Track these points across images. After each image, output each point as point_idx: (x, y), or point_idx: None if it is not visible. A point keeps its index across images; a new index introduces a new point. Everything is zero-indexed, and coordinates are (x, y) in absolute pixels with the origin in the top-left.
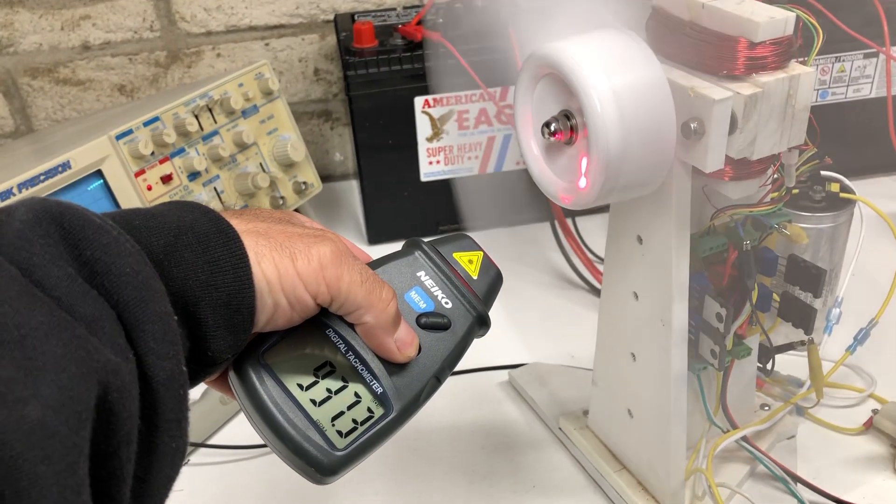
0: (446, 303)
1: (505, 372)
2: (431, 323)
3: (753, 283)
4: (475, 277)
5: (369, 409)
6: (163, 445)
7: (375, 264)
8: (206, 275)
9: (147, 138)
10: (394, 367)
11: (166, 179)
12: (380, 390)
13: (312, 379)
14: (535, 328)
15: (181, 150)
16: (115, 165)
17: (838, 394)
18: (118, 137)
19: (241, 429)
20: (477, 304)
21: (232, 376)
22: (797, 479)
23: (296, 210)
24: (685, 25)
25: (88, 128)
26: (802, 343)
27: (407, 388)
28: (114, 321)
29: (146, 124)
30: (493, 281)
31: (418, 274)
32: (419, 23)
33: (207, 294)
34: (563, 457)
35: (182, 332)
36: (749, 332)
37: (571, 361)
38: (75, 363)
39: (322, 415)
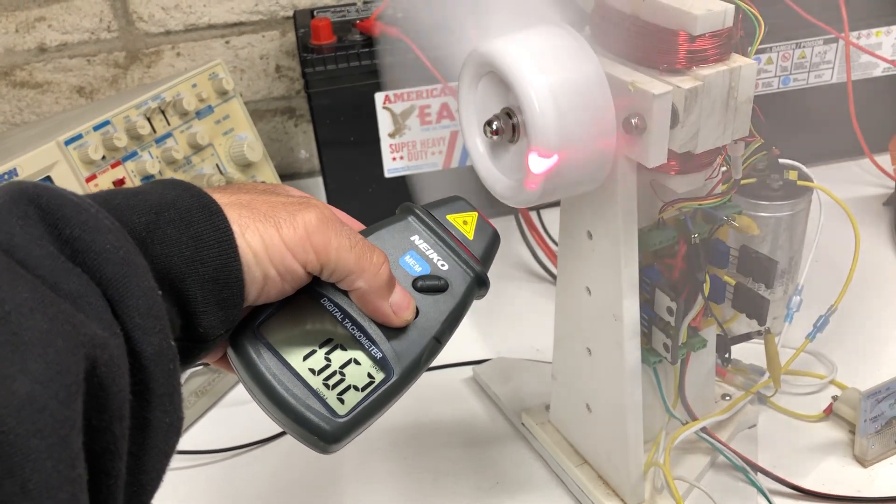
0: (442, 265)
1: (469, 368)
2: (428, 286)
3: (704, 276)
4: (471, 238)
5: (369, 375)
6: (156, 421)
7: (368, 232)
8: (190, 250)
9: (97, 143)
10: (392, 332)
11: (118, 184)
12: (379, 355)
13: (310, 348)
14: (501, 322)
15: (133, 154)
16: (65, 171)
17: (799, 381)
18: (67, 143)
19: (204, 435)
20: (474, 264)
21: (230, 352)
22: (757, 468)
23: None
24: (627, 19)
25: (41, 132)
26: (760, 333)
27: (407, 352)
28: (99, 297)
29: (96, 128)
30: (490, 241)
31: (412, 238)
32: (378, 18)
33: (193, 270)
34: (527, 452)
35: (172, 309)
36: (704, 324)
37: (536, 355)
38: (61, 337)
39: (321, 383)
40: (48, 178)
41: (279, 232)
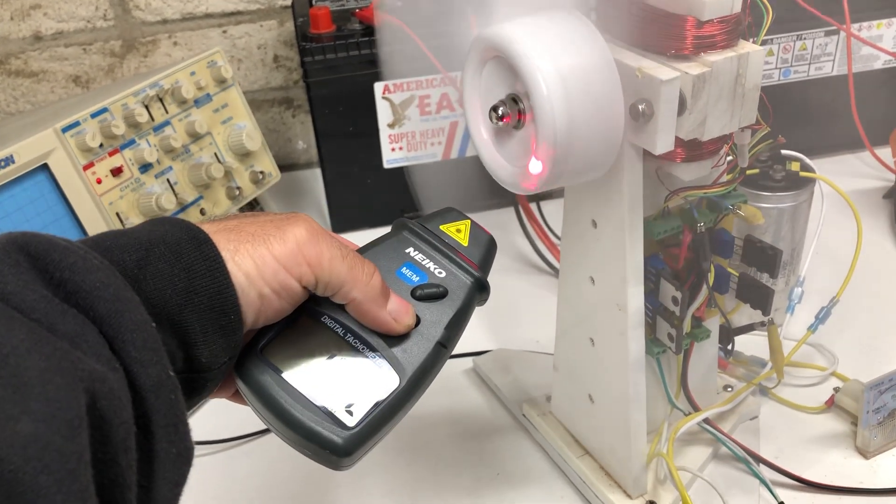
0: (440, 273)
1: (469, 359)
2: (427, 294)
3: (709, 265)
4: (466, 245)
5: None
6: (162, 452)
7: (363, 250)
8: (183, 282)
9: (95, 130)
10: (394, 341)
11: (116, 172)
12: (384, 365)
13: (314, 365)
14: (501, 314)
15: (131, 142)
16: (62, 159)
17: (801, 373)
18: (64, 130)
19: (202, 425)
20: (472, 269)
21: (236, 377)
22: (759, 460)
23: (254, 200)
24: (634, 4)
25: (37, 121)
26: (763, 324)
27: (411, 359)
28: (96, 334)
29: (94, 116)
30: (486, 246)
31: (407, 250)
32: (377, 6)
33: (189, 301)
34: (528, 443)
35: (172, 342)
36: (708, 315)
37: (537, 347)
38: (59, 374)
39: (328, 398)
40: (45, 166)
41: (270, 249)
